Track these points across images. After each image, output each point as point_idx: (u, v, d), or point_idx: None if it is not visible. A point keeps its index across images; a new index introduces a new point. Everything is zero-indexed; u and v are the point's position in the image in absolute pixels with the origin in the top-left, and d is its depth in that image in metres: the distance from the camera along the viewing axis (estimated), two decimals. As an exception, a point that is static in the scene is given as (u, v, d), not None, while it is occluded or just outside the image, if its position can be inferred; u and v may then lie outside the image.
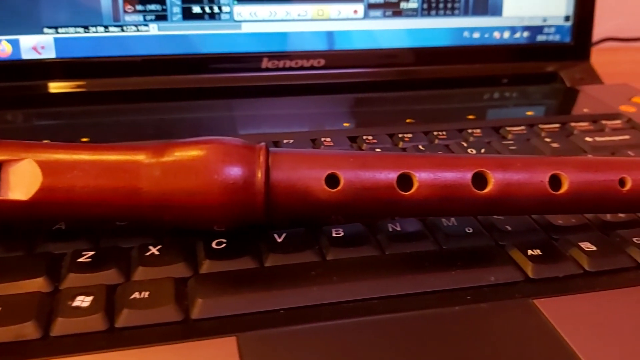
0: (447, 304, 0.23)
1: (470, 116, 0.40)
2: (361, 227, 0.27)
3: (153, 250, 0.24)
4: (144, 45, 0.42)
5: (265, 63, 0.44)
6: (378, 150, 0.35)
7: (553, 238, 0.27)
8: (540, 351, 0.21)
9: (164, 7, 0.41)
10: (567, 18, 0.48)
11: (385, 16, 0.45)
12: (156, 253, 0.24)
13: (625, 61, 0.62)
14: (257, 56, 0.44)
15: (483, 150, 0.35)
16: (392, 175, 0.24)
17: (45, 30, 0.40)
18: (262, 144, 0.25)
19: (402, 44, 0.46)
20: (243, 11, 0.43)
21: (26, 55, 0.40)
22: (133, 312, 0.21)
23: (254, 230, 0.26)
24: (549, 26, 0.48)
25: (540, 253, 0.25)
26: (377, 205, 0.24)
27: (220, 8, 0.42)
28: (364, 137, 0.36)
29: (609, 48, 0.66)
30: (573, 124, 0.39)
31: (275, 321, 0.22)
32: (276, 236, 0.26)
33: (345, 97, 0.44)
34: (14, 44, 0.40)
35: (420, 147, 0.35)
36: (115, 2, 0.41)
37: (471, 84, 0.46)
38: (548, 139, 0.37)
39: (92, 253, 0.24)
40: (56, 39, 0.41)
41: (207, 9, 0.42)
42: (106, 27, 0.41)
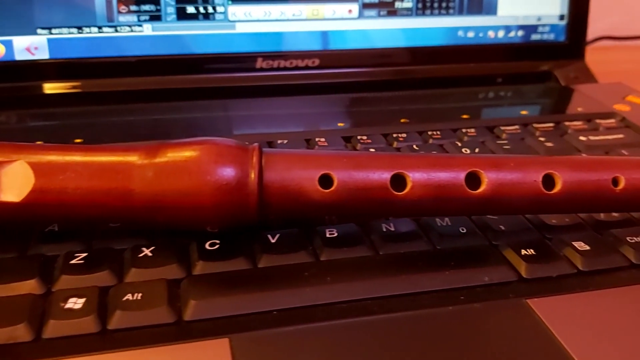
0: (441, 304, 0.23)
1: (464, 116, 0.40)
2: (355, 228, 0.27)
3: (146, 251, 0.24)
4: (138, 45, 0.42)
5: (259, 63, 0.44)
6: (372, 150, 0.35)
7: (547, 238, 0.27)
8: (533, 351, 0.21)
9: (158, 8, 0.41)
10: (562, 17, 0.48)
11: (379, 16, 0.45)
12: (149, 254, 0.24)
13: (619, 60, 0.62)
14: (252, 56, 0.44)
15: (477, 149, 0.35)
16: (386, 175, 0.24)
17: (38, 31, 0.40)
18: (255, 145, 0.25)
19: (397, 44, 0.46)
20: (237, 11, 0.43)
21: (19, 56, 0.40)
22: (126, 314, 0.21)
23: (248, 231, 0.26)
24: (544, 25, 0.48)
25: (533, 253, 0.25)
26: (371, 205, 0.24)
27: (214, 8, 0.42)
28: (359, 137, 0.36)
29: (604, 47, 0.66)
30: (567, 123, 0.39)
31: (268, 322, 0.22)
32: (270, 237, 0.26)
33: (339, 97, 0.44)
34: (7, 45, 0.40)
35: (414, 147, 0.35)
36: (109, 3, 0.41)
37: (466, 84, 0.46)
38: (542, 138, 0.37)
39: (85, 255, 0.24)
40: (50, 40, 0.40)
41: (202, 9, 0.42)
42: (100, 28, 0.41)
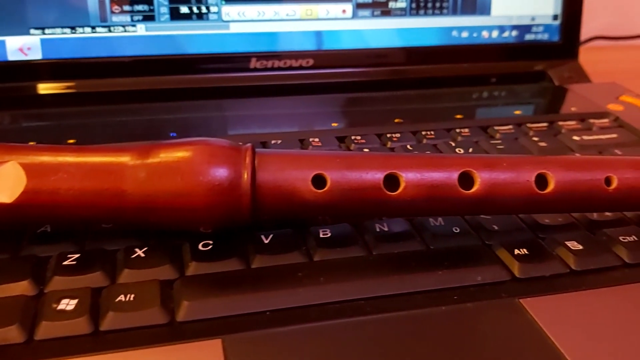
0: (434, 304, 0.23)
1: (458, 116, 0.40)
2: (348, 228, 0.27)
3: (139, 252, 0.24)
4: (132, 45, 0.42)
5: (253, 63, 0.44)
6: (366, 150, 0.35)
7: (540, 237, 0.27)
8: (526, 351, 0.21)
9: (152, 8, 0.41)
10: (556, 17, 0.48)
11: (373, 16, 0.45)
12: (142, 255, 0.24)
13: (613, 60, 0.62)
14: (246, 56, 0.44)
15: (471, 149, 0.35)
16: (379, 175, 0.24)
17: (31, 31, 0.40)
18: (249, 145, 0.24)
19: (391, 44, 0.46)
20: (231, 11, 0.43)
21: (12, 56, 0.40)
22: (118, 315, 0.21)
23: (241, 231, 0.26)
24: (537, 25, 0.48)
25: (526, 252, 0.25)
26: (364, 205, 0.24)
27: (208, 8, 0.42)
28: (353, 137, 0.36)
29: (597, 47, 0.67)
30: (561, 123, 0.39)
31: (261, 323, 0.22)
32: (263, 237, 0.26)
33: (333, 97, 0.44)
34: (0, 45, 0.40)
35: (408, 147, 0.35)
36: (102, 3, 0.40)
37: (460, 84, 0.46)
38: (536, 138, 0.37)
39: (78, 256, 0.24)
40: (42, 40, 0.40)
41: (195, 9, 0.42)
42: (93, 28, 0.41)
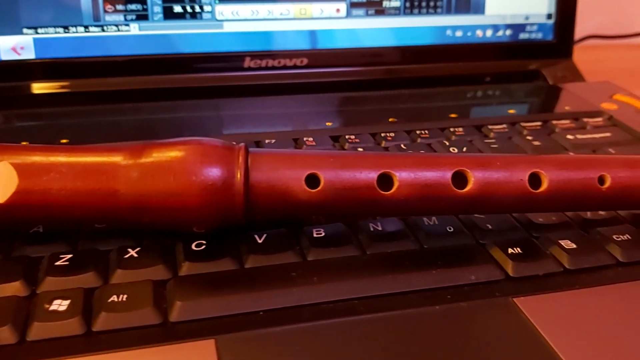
0: (428, 304, 0.23)
1: (452, 115, 0.40)
2: (342, 227, 0.27)
3: (132, 252, 0.24)
4: (125, 45, 0.41)
5: (247, 62, 0.44)
6: (360, 149, 0.35)
7: (533, 236, 0.27)
8: (520, 350, 0.21)
9: (145, 7, 0.41)
10: (550, 16, 0.48)
11: (367, 15, 0.45)
12: (135, 255, 0.24)
13: (607, 59, 0.63)
14: (240, 55, 0.44)
15: (465, 149, 0.35)
16: (373, 174, 0.24)
17: (24, 30, 0.40)
18: (242, 144, 0.24)
19: (385, 43, 0.46)
20: (225, 10, 0.42)
21: (5, 56, 0.40)
22: (111, 316, 0.21)
23: (235, 231, 0.25)
24: (532, 24, 0.48)
25: (520, 251, 0.25)
26: (358, 205, 0.24)
27: (201, 7, 0.42)
28: (347, 137, 0.36)
29: (592, 46, 0.67)
30: (555, 122, 0.39)
31: (254, 323, 0.22)
32: (257, 237, 0.26)
33: (328, 96, 0.44)
34: (-7, 45, 0.40)
35: (402, 146, 0.35)
36: (95, 2, 0.40)
37: (454, 83, 0.46)
38: (530, 137, 0.37)
39: (70, 256, 0.24)
40: (35, 40, 0.40)
41: (189, 9, 0.42)
42: (86, 27, 0.41)
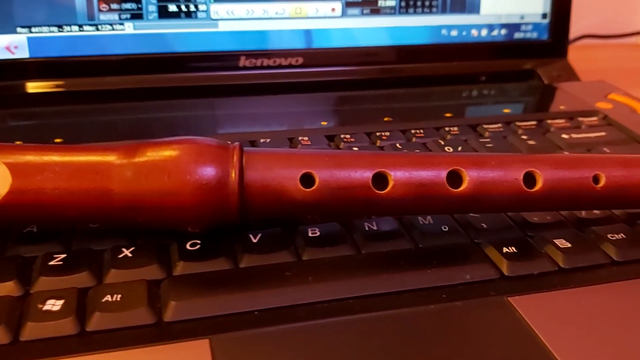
0: (423, 303, 0.23)
1: (447, 114, 0.40)
2: (337, 227, 0.27)
3: (126, 252, 0.24)
4: (120, 44, 0.41)
5: (242, 62, 0.44)
6: (355, 149, 0.35)
7: (528, 235, 0.27)
8: (514, 349, 0.21)
9: (140, 6, 0.41)
10: (545, 15, 0.48)
11: (363, 14, 0.45)
12: (129, 255, 0.24)
13: (602, 58, 0.63)
14: (235, 55, 0.43)
15: (460, 148, 0.35)
16: (368, 174, 0.24)
17: (18, 29, 0.40)
18: (236, 144, 0.24)
19: (380, 42, 0.46)
20: (220, 9, 0.42)
21: (-1, 55, 0.40)
22: (105, 316, 0.21)
23: (229, 230, 0.25)
24: (527, 24, 0.48)
25: (515, 250, 0.25)
26: (353, 204, 0.24)
27: (196, 6, 0.42)
28: (342, 136, 0.36)
29: (586, 45, 0.67)
30: (550, 121, 0.39)
31: (249, 323, 0.22)
32: (251, 236, 0.26)
33: (323, 96, 0.44)
34: (-14, 44, 0.39)
35: (397, 146, 0.35)
36: (89, 1, 0.40)
37: (449, 82, 0.46)
38: (525, 137, 0.37)
39: (64, 256, 0.24)
40: (29, 39, 0.40)
41: (184, 8, 0.42)
42: (81, 26, 0.40)
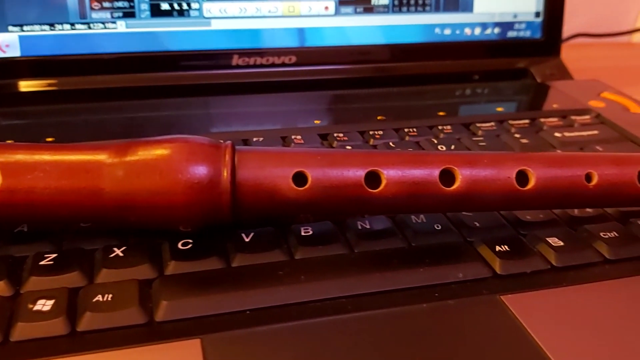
0: (415, 302, 0.23)
1: (441, 113, 0.40)
2: (330, 226, 0.27)
3: (117, 251, 0.24)
4: (112, 42, 0.41)
5: (235, 60, 0.43)
6: (348, 147, 0.35)
7: (521, 234, 0.27)
8: (507, 347, 0.21)
9: (132, 4, 0.41)
10: (538, 14, 0.48)
11: (356, 12, 0.45)
12: (120, 255, 0.24)
13: (595, 57, 0.63)
14: (228, 53, 0.43)
15: (453, 146, 0.35)
16: (360, 172, 0.24)
17: (9, 28, 0.39)
18: (228, 142, 0.24)
19: (374, 41, 0.45)
20: (212, 8, 0.42)
21: (-10, 53, 0.40)
22: (95, 315, 0.21)
23: (221, 229, 0.25)
24: (520, 22, 0.48)
25: (507, 249, 0.25)
26: (346, 203, 0.24)
27: (189, 5, 0.42)
28: (335, 135, 0.36)
29: (580, 44, 0.67)
30: (543, 120, 0.39)
31: (241, 322, 0.21)
32: (244, 235, 0.25)
33: (316, 94, 0.43)
34: (-23, 42, 0.39)
35: (391, 144, 0.35)
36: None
37: (442, 81, 0.46)
38: (517, 135, 0.37)
39: (55, 255, 0.24)
40: (21, 37, 0.40)
41: (176, 6, 0.42)
42: (72, 25, 0.40)
